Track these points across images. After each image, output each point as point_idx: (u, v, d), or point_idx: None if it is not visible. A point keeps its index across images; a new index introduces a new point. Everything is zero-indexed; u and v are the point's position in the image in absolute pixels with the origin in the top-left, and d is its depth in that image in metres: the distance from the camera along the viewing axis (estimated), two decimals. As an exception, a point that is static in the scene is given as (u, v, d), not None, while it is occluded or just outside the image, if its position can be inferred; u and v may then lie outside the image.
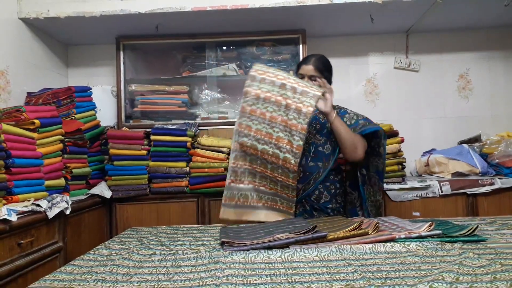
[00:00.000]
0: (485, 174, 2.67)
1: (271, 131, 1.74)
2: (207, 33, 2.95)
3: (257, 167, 1.78)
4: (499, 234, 1.43)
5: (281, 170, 1.75)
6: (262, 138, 1.74)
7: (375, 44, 3.21)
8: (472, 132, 3.05)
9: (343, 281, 0.99)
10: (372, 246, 1.27)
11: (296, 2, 2.51)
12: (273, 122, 1.74)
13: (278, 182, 1.78)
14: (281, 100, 1.75)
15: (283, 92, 1.77)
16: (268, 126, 1.75)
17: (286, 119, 1.73)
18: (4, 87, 2.38)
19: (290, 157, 1.72)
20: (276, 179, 1.77)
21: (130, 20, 2.65)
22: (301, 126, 1.72)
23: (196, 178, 2.53)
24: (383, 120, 2.79)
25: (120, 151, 2.50)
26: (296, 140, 1.72)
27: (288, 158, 1.72)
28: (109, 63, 3.13)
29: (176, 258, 1.25)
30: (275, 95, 1.76)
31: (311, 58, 1.99)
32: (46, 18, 2.55)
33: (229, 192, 1.80)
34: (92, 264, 1.21)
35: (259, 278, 1.03)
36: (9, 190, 1.72)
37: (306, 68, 1.96)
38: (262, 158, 1.76)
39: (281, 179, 1.76)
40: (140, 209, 2.54)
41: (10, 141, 1.75)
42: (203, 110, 3.06)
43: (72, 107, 2.46)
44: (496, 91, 3.19)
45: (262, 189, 1.79)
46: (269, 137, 1.73)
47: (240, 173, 1.79)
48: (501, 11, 2.78)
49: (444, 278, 0.95)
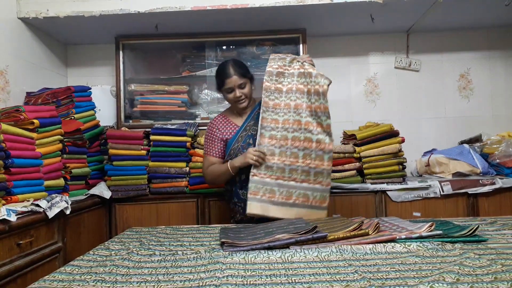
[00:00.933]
0: (486, 174, 2.66)
1: (298, 118, 1.83)
2: (207, 33, 2.95)
3: (287, 159, 1.81)
4: (499, 235, 1.43)
5: (315, 154, 1.80)
6: (290, 126, 1.82)
7: (376, 43, 3.21)
8: (472, 132, 3.04)
9: (343, 281, 0.98)
10: (372, 247, 1.27)
11: (296, 1, 2.51)
12: (299, 109, 1.84)
13: (311, 170, 1.80)
14: (303, 88, 1.85)
15: (303, 80, 1.86)
16: (295, 114, 1.84)
17: (309, 104, 1.83)
18: (3, 87, 2.37)
19: (323, 137, 1.81)
20: (308, 167, 1.80)
21: (129, 19, 2.65)
22: (324, 106, 1.82)
23: (196, 178, 2.52)
24: (383, 120, 2.78)
25: (119, 151, 2.50)
26: (324, 120, 1.82)
27: (321, 139, 1.80)
28: (109, 62, 3.13)
29: (175, 259, 1.25)
30: (295, 85, 1.86)
31: (228, 68, 1.93)
32: (45, 17, 2.55)
33: (253, 185, 1.82)
34: (91, 265, 1.21)
35: (259, 279, 1.03)
36: (8, 190, 1.71)
37: (231, 81, 1.92)
38: (293, 147, 1.81)
39: (314, 166, 1.80)
40: (140, 209, 2.53)
41: (10, 141, 1.74)
42: (203, 110, 3.06)
43: (72, 107, 2.45)
44: (496, 91, 3.19)
45: (292, 184, 1.81)
46: (297, 124, 1.82)
47: (264, 167, 1.81)
48: (501, 11, 2.77)
49: (444, 278, 0.95)
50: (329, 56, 3.20)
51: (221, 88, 1.99)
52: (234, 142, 1.96)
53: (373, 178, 2.53)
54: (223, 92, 2.01)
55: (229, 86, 1.94)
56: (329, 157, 1.81)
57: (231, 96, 1.97)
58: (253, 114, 2.01)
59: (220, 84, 1.99)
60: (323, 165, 1.80)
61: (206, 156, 2.04)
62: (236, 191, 1.96)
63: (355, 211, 2.48)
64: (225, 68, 1.96)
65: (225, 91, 1.98)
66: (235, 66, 1.96)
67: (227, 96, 1.99)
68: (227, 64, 1.97)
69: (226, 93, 1.98)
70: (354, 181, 2.53)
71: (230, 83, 1.93)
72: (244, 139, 1.95)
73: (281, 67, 1.90)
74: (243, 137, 1.96)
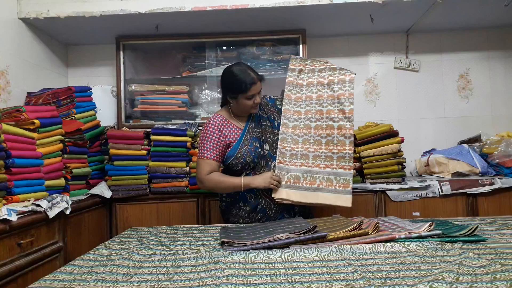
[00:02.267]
0: (485, 174, 2.67)
1: (320, 108, 1.95)
2: (207, 33, 2.95)
3: (310, 146, 1.91)
4: (499, 234, 1.43)
5: (337, 140, 1.89)
6: (313, 116, 1.94)
7: (375, 44, 3.21)
8: (472, 132, 3.05)
9: (343, 281, 0.99)
10: (372, 246, 1.27)
11: (296, 2, 2.51)
12: (320, 100, 1.95)
13: (334, 155, 1.89)
14: (323, 81, 1.98)
15: (323, 74, 2.00)
16: (317, 105, 1.96)
17: (332, 93, 1.95)
18: (4, 87, 2.37)
19: (344, 123, 1.90)
20: (331, 152, 1.89)
21: (130, 20, 2.65)
22: (349, 92, 1.93)
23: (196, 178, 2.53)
24: (383, 120, 2.79)
25: (120, 151, 2.50)
26: (346, 106, 1.91)
27: (342, 125, 1.90)
28: (109, 63, 3.13)
29: (176, 258, 1.25)
30: (316, 78, 2.00)
31: (254, 76, 1.87)
32: (46, 18, 2.55)
33: (278, 172, 1.89)
34: (92, 264, 1.21)
35: (259, 278, 1.03)
36: (9, 190, 1.72)
37: (256, 87, 1.88)
38: (316, 135, 1.92)
39: (336, 151, 1.88)
40: (140, 209, 2.54)
41: (10, 141, 1.75)
42: (203, 110, 3.06)
43: (72, 107, 2.46)
44: (496, 91, 3.19)
45: (316, 170, 1.89)
46: (319, 114, 1.95)
47: (289, 155, 1.90)
48: (501, 11, 2.78)
49: (444, 278, 0.95)
50: (329, 56, 3.20)
51: (241, 94, 1.87)
52: (241, 145, 1.91)
53: (372, 178, 2.53)
54: (241, 98, 1.88)
55: (253, 93, 1.87)
56: (350, 141, 1.90)
57: (250, 103, 1.89)
58: (252, 116, 2.01)
59: (241, 90, 1.86)
60: (345, 149, 1.89)
61: (204, 159, 1.89)
62: (243, 195, 1.93)
63: (355, 211, 2.47)
64: (248, 73, 1.87)
65: (245, 97, 1.88)
66: (254, 71, 1.91)
67: (246, 102, 1.89)
68: (248, 69, 1.89)
69: (246, 99, 1.88)
70: (353, 181, 2.51)
71: (255, 90, 1.87)
72: (250, 142, 1.93)
73: (302, 65, 2.05)
74: (249, 140, 1.93)
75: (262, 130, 1.99)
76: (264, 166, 1.94)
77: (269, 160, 1.95)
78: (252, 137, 1.95)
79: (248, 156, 1.89)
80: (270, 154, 1.95)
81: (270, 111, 2.07)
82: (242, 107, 1.93)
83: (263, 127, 2.00)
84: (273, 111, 2.07)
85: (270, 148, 1.96)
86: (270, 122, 2.04)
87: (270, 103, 2.10)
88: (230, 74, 1.91)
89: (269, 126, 2.02)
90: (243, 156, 1.89)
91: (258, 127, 1.99)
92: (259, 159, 1.93)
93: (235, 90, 1.89)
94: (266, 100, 2.11)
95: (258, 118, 2.02)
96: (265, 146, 1.96)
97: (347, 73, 1.97)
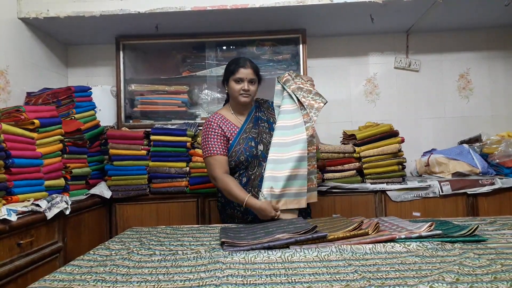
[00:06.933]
0: (486, 174, 2.67)
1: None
2: (207, 33, 2.95)
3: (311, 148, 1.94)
4: (499, 234, 1.43)
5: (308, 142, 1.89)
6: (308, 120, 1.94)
7: (375, 44, 3.21)
8: (472, 132, 3.04)
9: (343, 281, 0.98)
10: (372, 246, 1.27)
11: (296, 1, 2.51)
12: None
13: (310, 156, 1.92)
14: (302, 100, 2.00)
15: (299, 92, 1.98)
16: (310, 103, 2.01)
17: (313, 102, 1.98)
18: (4, 87, 2.37)
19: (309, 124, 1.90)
20: (312, 152, 1.93)
21: (130, 20, 2.65)
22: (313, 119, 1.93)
23: (196, 178, 2.53)
24: (383, 120, 2.78)
25: (120, 151, 2.50)
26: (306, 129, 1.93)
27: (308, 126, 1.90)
28: (109, 63, 3.13)
29: (176, 258, 1.25)
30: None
31: (246, 61, 1.97)
32: (45, 18, 2.55)
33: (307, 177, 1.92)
34: (92, 264, 1.21)
35: (259, 278, 1.03)
36: (8, 190, 1.72)
37: (245, 72, 1.94)
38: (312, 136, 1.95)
39: (310, 152, 1.91)
40: (140, 209, 2.54)
41: (10, 141, 1.74)
42: (203, 110, 3.06)
43: (72, 107, 2.46)
44: (496, 91, 3.19)
45: (311, 170, 1.94)
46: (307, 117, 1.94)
47: (309, 158, 1.92)
48: (501, 11, 2.77)
49: (444, 278, 0.95)
50: (329, 56, 3.21)
51: (231, 76, 1.95)
52: (236, 144, 1.94)
53: (372, 178, 2.53)
54: (231, 81, 1.96)
55: (240, 76, 1.93)
56: (312, 141, 1.93)
57: (238, 87, 1.94)
58: (250, 116, 2.03)
59: (231, 72, 1.95)
60: (314, 150, 1.94)
61: (211, 156, 1.91)
62: None
63: (355, 211, 2.48)
64: (241, 59, 1.98)
65: (234, 80, 1.94)
66: (252, 62, 1.99)
67: (234, 86, 1.95)
68: (244, 58, 2.00)
69: (235, 82, 1.95)
70: (354, 181, 2.54)
71: (243, 74, 1.93)
72: (245, 141, 1.95)
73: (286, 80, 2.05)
74: (245, 140, 1.96)
75: (259, 131, 2.00)
76: (257, 166, 1.95)
77: (262, 160, 1.95)
78: (248, 137, 1.97)
79: (242, 155, 1.92)
80: (263, 154, 1.96)
81: (270, 114, 2.09)
82: (232, 94, 1.99)
83: (261, 128, 2.01)
84: (272, 114, 2.08)
85: (264, 149, 1.97)
86: (268, 124, 2.05)
87: (271, 107, 2.11)
88: (228, 62, 2.03)
89: (267, 128, 2.03)
90: (237, 155, 1.93)
91: (256, 127, 2.00)
92: (253, 159, 1.95)
93: (226, 73, 2.00)
94: (268, 104, 2.13)
95: (257, 119, 2.03)
96: (260, 147, 1.97)
97: (318, 100, 1.96)
